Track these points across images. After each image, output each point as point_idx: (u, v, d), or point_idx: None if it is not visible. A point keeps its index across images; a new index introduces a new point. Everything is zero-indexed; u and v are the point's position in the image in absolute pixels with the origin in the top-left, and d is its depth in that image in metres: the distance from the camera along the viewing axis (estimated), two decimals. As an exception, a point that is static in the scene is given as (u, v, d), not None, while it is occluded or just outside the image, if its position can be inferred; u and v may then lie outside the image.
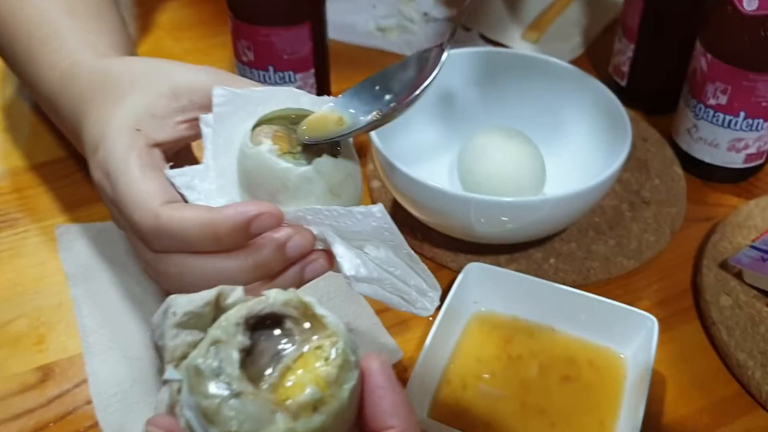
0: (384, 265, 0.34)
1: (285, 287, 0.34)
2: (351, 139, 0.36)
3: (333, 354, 0.24)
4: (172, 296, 0.27)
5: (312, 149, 0.35)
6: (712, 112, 0.55)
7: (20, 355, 0.45)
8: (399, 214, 0.54)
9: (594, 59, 0.70)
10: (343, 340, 0.25)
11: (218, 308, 0.27)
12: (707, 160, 0.57)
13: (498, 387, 0.44)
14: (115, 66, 0.41)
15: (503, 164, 0.50)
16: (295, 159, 0.34)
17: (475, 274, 0.46)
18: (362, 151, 0.61)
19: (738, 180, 0.58)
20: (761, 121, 0.54)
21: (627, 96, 0.64)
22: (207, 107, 0.36)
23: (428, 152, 0.56)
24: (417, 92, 0.35)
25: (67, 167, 0.58)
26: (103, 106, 0.38)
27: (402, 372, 0.45)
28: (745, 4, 0.50)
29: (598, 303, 0.45)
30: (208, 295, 0.26)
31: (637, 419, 0.39)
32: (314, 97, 0.37)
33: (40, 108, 0.60)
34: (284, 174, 0.33)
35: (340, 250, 0.33)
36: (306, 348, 0.25)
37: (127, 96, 0.38)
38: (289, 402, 0.23)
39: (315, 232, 0.34)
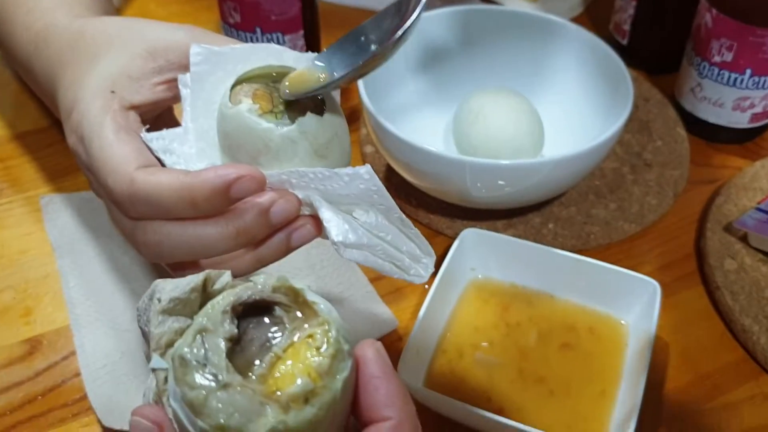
0: (374, 230, 0.33)
1: (271, 255, 0.33)
2: (337, 98, 0.35)
3: (325, 343, 0.23)
4: (157, 281, 0.26)
5: (295, 108, 0.33)
6: (717, 70, 0.53)
7: (7, 327, 0.44)
8: (393, 180, 0.53)
9: (594, 17, 0.68)
10: (336, 329, 0.23)
11: (206, 293, 0.25)
12: (711, 120, 0.55)
13: (496, 355, 0.42)
14: (90, 26, 0.39)
15: (500, 126, 0.49)
16: (277, 119, 0.32)
17: (471, 240, 0.45)
18: (355, 115, 0.60)
19: (743, 140, 0.57)
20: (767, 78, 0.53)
21: (628, 55, 0.62)
22: (185, 67, 0.34)
23: (422, 115, 0.54)
24: (398, 34, 0.32)
25: (51, 136, 0.57)
26: (78, 67, 0.37)
27: (397, 341, 0.44)
28: (751, -46, 0.48)
29: (599, 268, 0.44)
30: (194, 279, 0.25)
31: (638, 388, 0.38)
32: (297, 53, 0.35)
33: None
34: (266, 134, 0.31)
35: (327, 215, 0.31)
36: (297, 337, 0.24)
37: (102, 57, 0.36)
38: (279, 394, 0.22)
39: (300, 196, 0.32)
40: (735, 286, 0.46)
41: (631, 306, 0.43)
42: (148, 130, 0.34)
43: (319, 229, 0.33)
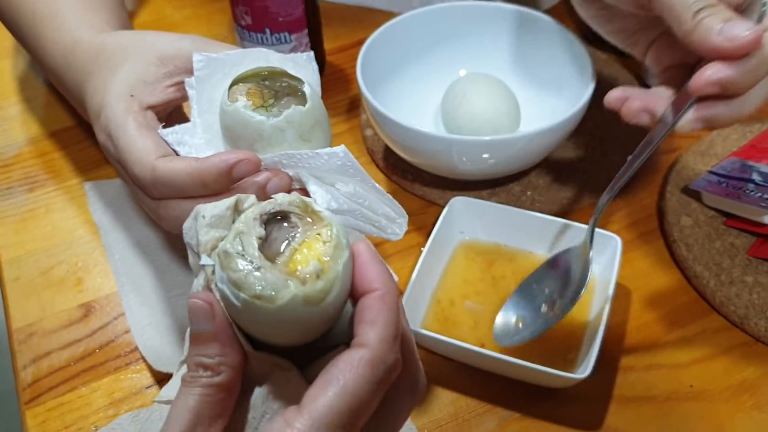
0: (353, 198, 0.39)
1: None
2: (318, 90, 0.41)
3: (329, 237, 0.30)
4: (199, 205, 0.33)
5: (282, 101, 0.40)
6: (674, 51, 0.60)
7: (64, 295, 0.52)
8: (391, 158, 0.60)
9: (570, 7, 0.75)
10: (336, 228, 0.31)
11: (237, 211, 0.33)
12: (673, 95, 0.62)
13: (482, 303, 0.50)
14: (109, 40, 0.46)
15: (482, 108, 0.56)
16: (267, 111, 0.39)
17: (459, 206, 0.52)
18: (355, 103, 0.67)
19: (702, 113, 0.63)
20: (720, 57, 0.59)
21: (600, 40, 0.69)
22: (191, 71, 0.42)
23: (414, 100, 0.61)
24: None
25: (79, 133, 0.64)
26: (101, 76, 0.44)
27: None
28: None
29: (569, 227, 0.51)
30: (229, 201, 0.32)
31: (601, 325, 0.45)
32: (282, 54, 0.42)
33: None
34: (259, 126, 0.38)
35: (313, 188, 0.38)
36: (308, 235, 0.31)
37: (120, 67, 0.43)
38: (298, 272, 0.29)
39: (291, 173, 0.39)
40: (689, 239, 0.53)
41: (598, 258, 0.50)
42: (163, 127, 0.41)
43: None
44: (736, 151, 0.57)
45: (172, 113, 0.45)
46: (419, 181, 0.58)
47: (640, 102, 0.45)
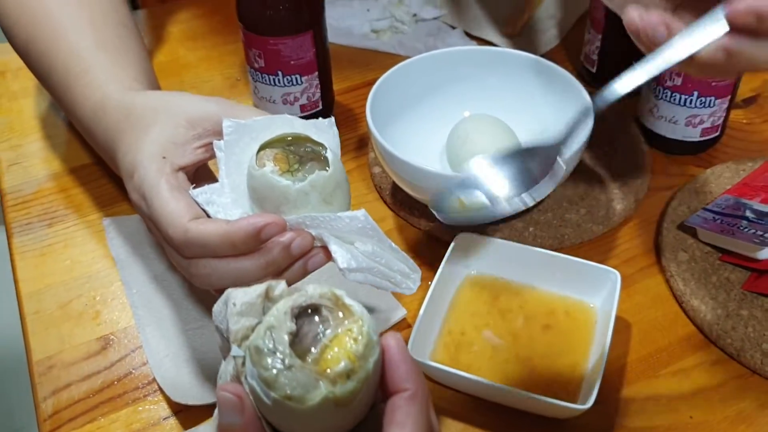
0: (371, 257, 0.42)
1: (293, 278, 0.43)
2: (339, 154, 0.44)
3: (360, 335, 0.31)
4: (230, 290, 0.34)
5: (306, 166, 0.43)
6: (669, 93, 0.62)
7: (83, 328, 0.54)
8: (399, 195, 0.62)
9: (568, 49, 0.78)
10: (367, 325, 0.32)
11: (268, 298, 0.34)
12: (668, 135, 0.64)
13: (486, 332, 0.51)
14: (138, 101, 0.49)
15: (485, 147, 0.58)
16: (293, 176, 0.42)
17: (465, 242, 0.54)
18: (363, 141, 0.69)
19: (696, 152, 0.66)
20: (713, 98, 0.62)
21: (597, 81, 0.72)
22: (218, 133, 0.45)
23: (420, 139, 0.63)
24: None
25: (97, 171, 0.67)
26: (133, 136, 0.47)
27: (406, 327, 0.53)
28: None
29: (571, 262, 0.53)
30: (259, 288, 0.34)
31: (603, 357, 0.47)
32: (305, 121, 0.45)
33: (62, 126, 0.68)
34: (285, 190, 0.41)
35: (334, 248, 0.41)
36: (339, 330, 0.32)
37: (151, 128, 0.46)
38: (328, 372, 0.30)
39: (314, 233, 0.42)
40: (686, 274, 0.55)
41: (598, 292, 0.52)
42: (193, 187, 0.43)
43: (329, 256, 0.43)
44: (729, 189, 0.59)
45: (199, 170, 0.48)
46: (425, 217, 0.60)
47: (659, 17, 0.44)
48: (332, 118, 0.46)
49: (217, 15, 0.84)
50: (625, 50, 0.68)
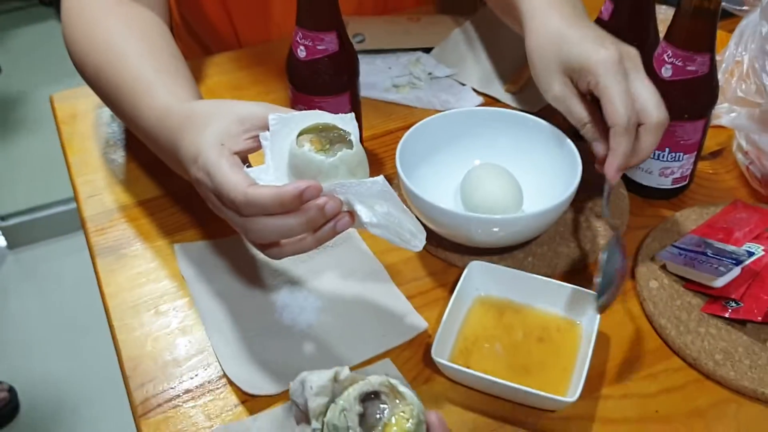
0: (386, 217, 0.55)
1: (325, 237, 0.56)
2: (359, 139, 0.57)
3: (411, 417, 0.43)
4: (305, 373, 0.46)
5: (335, 146, 0.55)
6: (645, 148, 0.75)
7: (161, 332, 0.65)
8: (419, 229, 0.74)
9: (562, 105, 0.90)
10: (417, 408, 0.44)
11: (335, 381, 0.46)
12: (645, 183, 0.77)
13: (496, 344, 0.63)
14: (197, 106, 0.63)
15: (492, 191, 0.70)
16: (326, 153, 0.55)
17: (476, 269, 0.66)
18: (389, 179, 0.81)
19: (668, 197, 0.78)
20: (682, 154, 0.74)
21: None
22: (262, 127, 0.58)
23: (438, 181, 0.75)
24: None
25: (162, 204, 0.78)
26: (194, 132, 0.60)
27: (427, 337, 0.65)
28: (663, 72, 0.70)
29: (562, 287, 0.65)
30: (329, 373, 0.45)
31: (585, 364, 0.59)
32: (334, 115, 0.58)
33: (130, 158, 0.80)
34: (320, 164, 0.54)
35: (359, 207, 0.54)
36: (396, 412, 0.44)
37: (210, 125, 0.59)
38: None
39: (342, 199, 0.54)
40: (656, 298, 0.67)
41: (584, 311, 0.64)
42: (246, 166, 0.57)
43: (353, 220, 0.55)
44: (694, 229, 0.72)
45: (246, 158, 0.61)
46: (442, 247, 0.72)
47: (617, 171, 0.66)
48: (353, 114, 0.59)
49: (257, 67, 0.97)
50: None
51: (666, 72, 0.70)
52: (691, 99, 0.70)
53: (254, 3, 1.00)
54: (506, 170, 0.73)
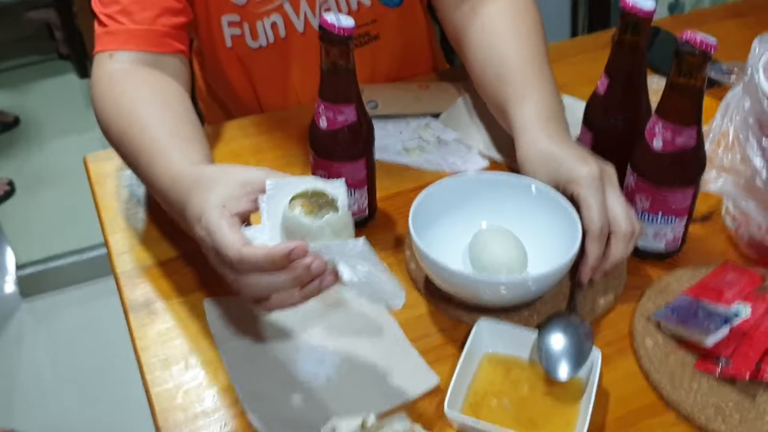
0: (367, 276, 0.61)
1: (311, 293, 0.62)
2: (346, 203, 0.63)
3: None
4: (335, 419, 0.52)
5: (323, 210, 0.62)
6: (640, 213, 0.80)
7: (192, 385, 0.70)
8: (430, 286, 0.79)
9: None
10: None
11: (363, 428, 0.51)
12: (640, 245, 0.82)
13: (504, 399, 0.68)
14: (206, 171, 0.71)
15: (499, 254, 0.76)
16: (314, 217, 0.62)
17: (484, 327, 0.71)
18: (399, 240, 0.86)
19: (663, 258, 0.83)
20: (674, 218, 0.79)
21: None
22: (262, 191, 0.65)
23: (447, 242, 0.80)
24: None
25: (183, 264, 0.83)
26: (201, 194, 0.67)
27: (440, 392, 0.69)
28: (654, 145, 0.76)
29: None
30: (358, 420, 0.51)
31: (587, 417, 0.63)
32: (327, 180, 0.65)
33: (159, 216, 0.86)
34: (308, 226, 0.61)
35: (341, 267, 0.60)
36: None
37: (214, 188, 0.67)
38: None
39: (326, 258, 0.60)
40: (652, 355, 0.71)
41: (585, 367, 0.69)
42: (244, 226, 0.64)
43: (337, 279, 0.62)
44: (686, 290, 0.77)
45: (247, 218, 0.67)
46: (452, 305, 0.77)
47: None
48: (343, 180, 0.65)
49: (278, 131, 1.03)
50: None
51: (657, 144, 0.76)
52: (680, 168, 0.76)
53: (275, 73, 1.07)
54: (512, 233, 0.78)
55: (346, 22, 0.74)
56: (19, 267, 2.15)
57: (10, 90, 3.00)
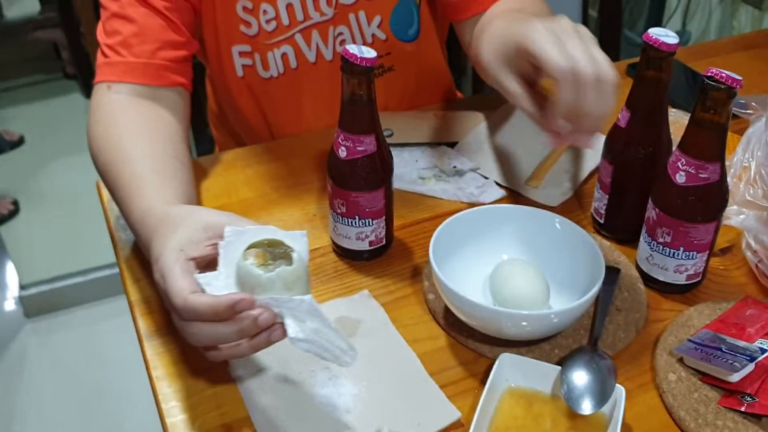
0: (316, 332, 0.60)
1: (260, 345, 0.62)
2: (306, 256, 0.63)
3: None
4: None
5: (277, 262, 0.62)
6: (661, 247, 0.79)
7: (208, 417, 0.69)
8: (450, 318, 0.78)
9: (581, 200, 0.96)
10: None
11: None
12: (661, 279, 0.81)
13: (524, 434, 0.67)
14: (172, 211, 0.71)
15: (520, 286, 0.75)
16: (266, 268, 0.61)
17: (506, 361, 0.70)
18: (416, 270, 0.86)
19: (683, 292, 0.82)
20: (695, 252, 0.79)
21: (605, 230, 0.89)
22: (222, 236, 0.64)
23: (466, 273, 0.80)
24: None
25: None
26: (163, 235, 0.67)
27: (459, 426, 0.68)
28: (677, 179, 0.76)
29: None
30: None
31: (613, 453, 0.63)
32: (285, 231, 0.65)
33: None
34: (258, 277, 0.60)
35: (288, 321, 0.60)
36: None
37: (177, 230, 0.67)
38: None
39: (276, 311, 0.60)
40: (675, 390, 0.71)
41: (608, 403, 0.68)
42: (199, 272, 0.63)
43: (285, 333, 0.61)
44: (708, 324, 0.76)
45: (211, 262, 0.66)
46: (472, 337, 0.76)
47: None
48: (305, 231, 0.65)
49: (293, 158, 1.03)
50: (627, 210, 0.87)
51: (680, 178, 0.76)
52: (703, 203, 0.76)
53: (286, 103, 1.07)
54: (534, 265, 0.78)
55: (369, 53, 0.74)
56: (22, 287, 2.14)
57: (16, 109, 3.01)
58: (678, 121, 0.96)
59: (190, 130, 1.31)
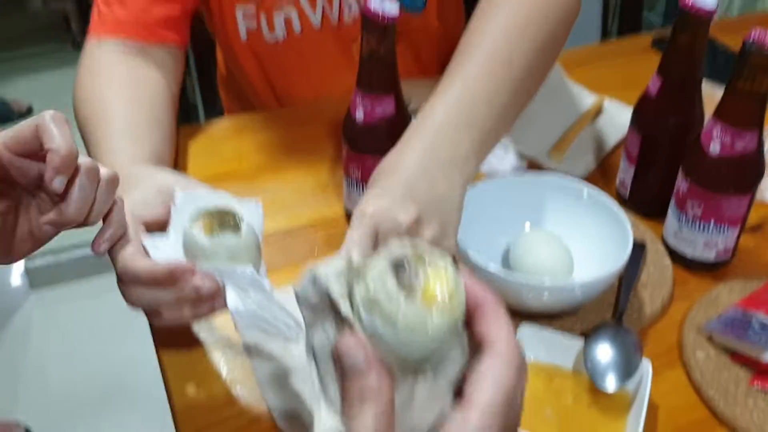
0: (258, 305, 0.57)
1: (203, 313, 0.60)
2: (257, 227, 0.60)
3: (444, 268, 0.36)
4: (310, 269, 0.37)
5: (224, 230, 0.59)
6: (691, 221, 0.76)
7: (216, 383, 0.67)
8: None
9: (605, 173, 0.93)
10: (444, 259, 0.37)
11: (350, 270, 0.37)
12: (689, 254, 0.78)
13: (547, 408, 0.64)
14: (134, 171, 0.70)
15: (543, 257, 0.72)
16: (212, 236, 0.58)
17: (526, 333, 0.67)
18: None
19: (712, 269, 0.79)
20: (726, 226, 0.76)
21: (630, 204, 0.86)
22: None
23: (489, 242, 0.77)
24: None
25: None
26: (123, 193, 0.64)
27: (478, 399, 0.65)
28: (711, 149, 0.72)
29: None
30: (341, 261, 0.37)
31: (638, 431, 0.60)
32: (237, 199, 0.62)
33: None
34: (202, 246, 0.58)
35: (229, 291, 0.57)
36: (427, 270, 0.36)
37: (134, 190, 0.66)
38: (437, 302, 0.35)
39: (218, 280, 0.57)
40: (703, 369, 0.68)
41: (633, 379, 0.65)
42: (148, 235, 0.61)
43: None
44: (738, 302, 0.73)
45: (164, 225, 0.64)
46: (491, 310, 0.73)
47: None
48: (259, 201, 0.62)
49: (307, 125, 0.99)
50: (655, 182, 0.84)
51: (714, 148, 0.72)
52: (738, 174, 0.72)
53: (292, 69, 1.04)
54: (557, 237, 0.74)
55: (390, 8, 0.70)
56: (27, 258, 2.12)
57: (25, 79, 2.98)
58: (708, 94, 0.92)
59: (197, 92, 1.28)
